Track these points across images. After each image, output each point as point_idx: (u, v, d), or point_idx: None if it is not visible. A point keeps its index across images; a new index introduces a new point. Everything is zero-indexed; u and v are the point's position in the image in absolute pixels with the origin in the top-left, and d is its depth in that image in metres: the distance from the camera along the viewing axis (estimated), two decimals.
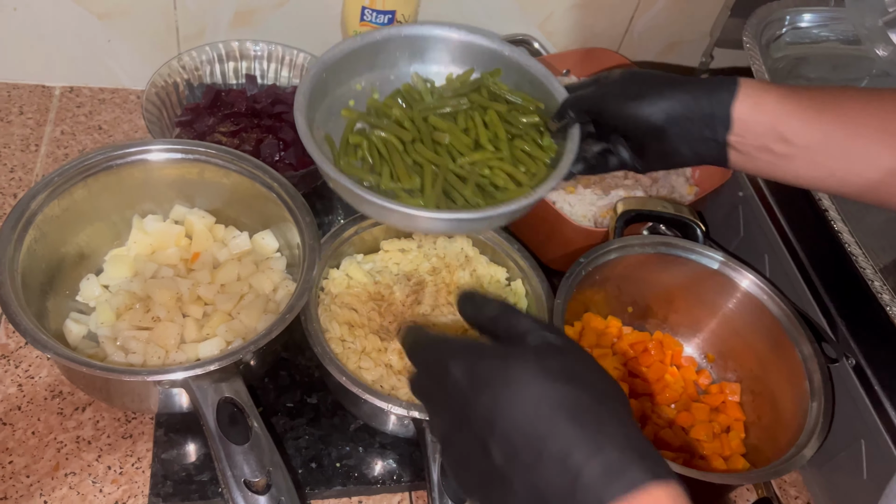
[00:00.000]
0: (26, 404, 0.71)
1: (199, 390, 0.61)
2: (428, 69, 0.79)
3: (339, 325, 0.72)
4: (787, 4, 0.99)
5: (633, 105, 0.61)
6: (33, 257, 0.69)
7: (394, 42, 0.77)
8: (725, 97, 0.57)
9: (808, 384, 0.73)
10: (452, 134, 0.71)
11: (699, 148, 0.60)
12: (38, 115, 0.95)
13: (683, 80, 0.61)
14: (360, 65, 0.76)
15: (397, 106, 0.75)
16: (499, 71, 0.77)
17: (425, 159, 0.70)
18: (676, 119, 0.59)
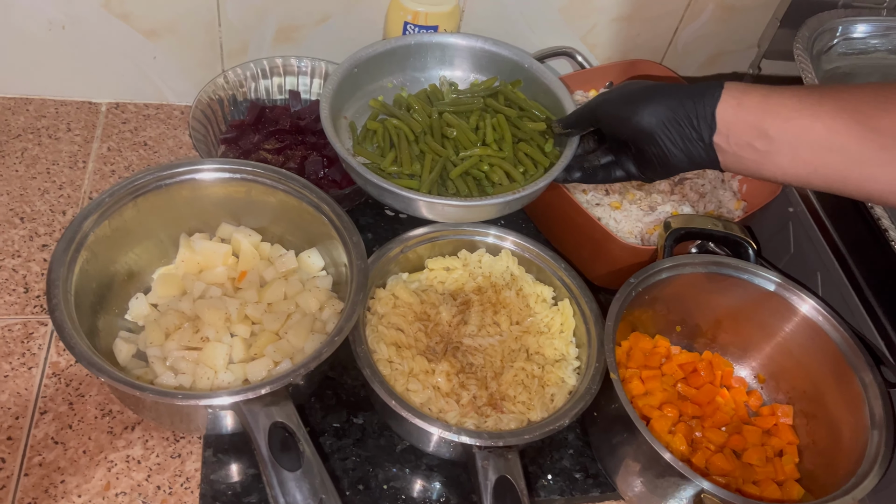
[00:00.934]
0: (77, 423, 0.72)
1: (251, 414, 0.61)
2: (455, 74, 0.90)
3: (386, 347, 0.71)
4: (839, 14, 0.97)
5: (625, 111, 0.65)
6: (85, 277, 0.69)
7: (425, 47, 0.88)
8: (709, 100, 0.60)
9: (869, 411, 0.71)
10: (460, 130, 0.81)
11: (690, 151, 0.63)
12: (85, 132, 0.97)
13: (672, 87, 0.64)
14: (392, 65, 0.88)
15: (418, 101, 0.85)
16: (519, 82, 0.88)
17: (430, 149, 0.79)
18: (664, 123, 0.63)
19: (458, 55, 0.90)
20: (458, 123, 0.81)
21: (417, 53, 0.88)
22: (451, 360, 0.72)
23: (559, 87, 0.84)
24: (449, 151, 0.80)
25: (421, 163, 0.79)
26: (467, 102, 0.84)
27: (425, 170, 0.78)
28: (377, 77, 0.88)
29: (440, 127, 0.82)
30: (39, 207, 0.87)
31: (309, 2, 0.93)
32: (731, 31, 1.07)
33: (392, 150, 0.81)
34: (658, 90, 0.64)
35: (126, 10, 0.90)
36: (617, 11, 1.01)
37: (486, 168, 0.79)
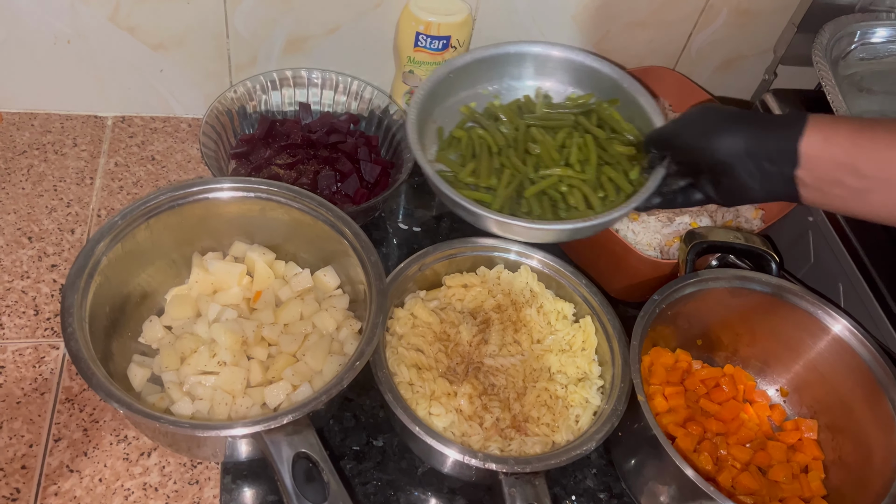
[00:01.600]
0: (92, 450, 0.70)
1: (273, 444, 0.59)
2: (551, 86, 0.88)
3: (407, 369, 0.70)
4: (856, 19, 0.95)
5: (702, 140, 0.63)
6: (98, 302, 0.68)
7: (523, 57, 0.86)
8: (792, 132, 0.57)
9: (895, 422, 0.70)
10: (544, 147, 0.79)
11: (768, 184, 0.60)
12: (92, 147, 0.95)
13: (752, 116, 0.62)
14: (489, 72, 0.86)
15: (508, 112, 0.83)
16: (616, 101, 0.85)
17: (510, 164, 0.78)
18: (742, 154, 0.60)
19: (556, 67, 0.88)
20: (543, 140, 0.80)
21: (515, 62, 0.86)
22: (474, 381, 0.70)
23: (654, 111, 0.81)
24: (529, 168, 0.78)
25: (499, 177, 0.77)
26: (557, 118, 0.82)
27: (501, 184, 0.76)
28: (473, 83, 0.86)
29: (524, 141, 0.80)
30: (47, 226, 0.86)
31: (319, 12, 0.91)
32: (746, 36, 1.05)
33: (473, 160, 0.79)
34: (737, 120, 0.62)
35: (133, 23, 0.88)
36: (630, 17, 1.00)
37: (565, 189, 0.76)
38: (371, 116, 0.95)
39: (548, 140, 0.80)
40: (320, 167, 0.87)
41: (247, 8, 0.89)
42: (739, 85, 1.12)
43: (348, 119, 0.94)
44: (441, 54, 0.91)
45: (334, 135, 0.89)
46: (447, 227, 0.93)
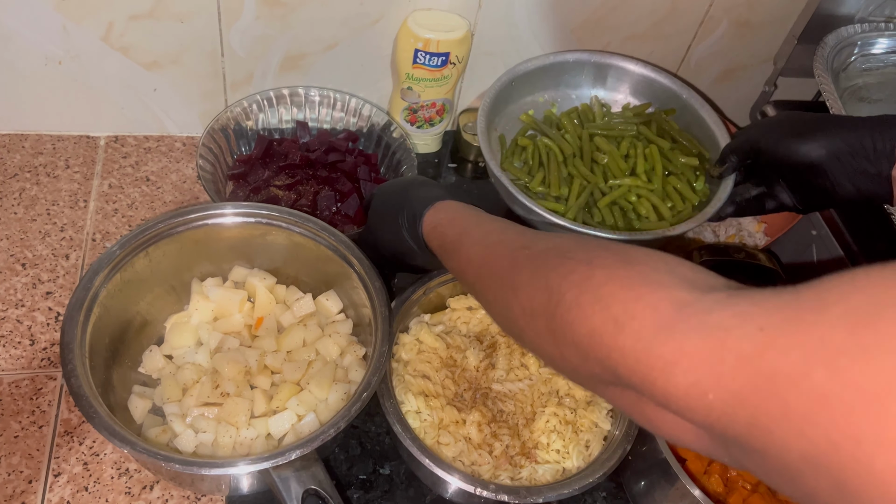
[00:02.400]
0: (93, 485, 0.69)
1: (281, 480, 0.58)
2: (608, 95, 0.90)
3: (414, 397, 0.69)
4: (858, 30, 0.95)
5: (794, 143, 0.63)
6: (98, 334, 0.66)
7: (582, 65, 0.89)
8: (890, 133, 0.58)
9: None
10: (611, 156, 0.81)
11: (861, 183, 0.61)
12: (85, 168, 0.93)
13: (844, 118, 0.63)
14: (546, 80, 0.88)
15: (570, 121, 0.85)
16: (673, 110, 0.88)
17: (578, 173, 0.80)
18: (837, 154, 0.61)
19: (613, 76, 0.90)
20: (609, 149, 0.81)
21: (573, 70, 0.89)
22: (482, 408, 0.69)
23: (715, 122, 0.83)
24: (598, 178, 0.79)
25: (569, 186, 0.78)
26: (620, 128, 0.84)
27: (573, 194, 0.78)
28: (530, 91, 0.88)
29: (591, 151, 0.82)
30: (41, 252, 0.84)
31: (316, 29, 0.90)
32: (746, 47, 1.04)
33: (540, 169, 0.81)
34: (829, 121, 0.62)
35: (126, 42, 0.87)
36: (630, 30, 0.99)
37: (634, 199, 0.78)
38: (370, 134, 0.94)
39: (613, 150, 0.82)
40: (320, 187, 0.85)
41: (242, 26, 0.88)
42: (739, 95, 1.11)
43: (347, 137, 0.92)
44: (440, 70, 0.90)
45: (333, 153, 0.88)
46: None
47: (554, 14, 0.95)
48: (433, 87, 0.92)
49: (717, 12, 0.99)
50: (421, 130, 0.97)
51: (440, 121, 0.97)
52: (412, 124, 0.96)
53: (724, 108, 1.11)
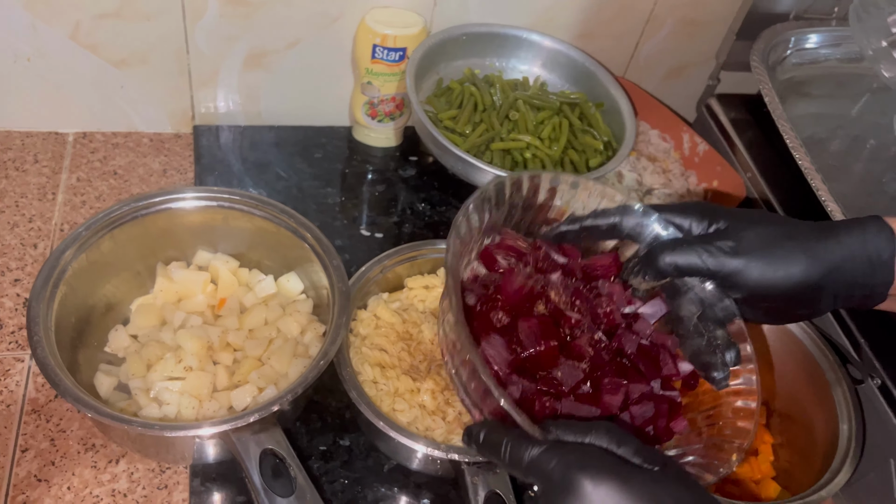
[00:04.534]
0: (60, 459, 0.71)
1: (240, 442, 0.61)
2: (551, 78, 1.03)
3: (370, 368, 0.72)
4: (791, 26, 1.01)
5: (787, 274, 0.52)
6: (64, 311, 0.69)
7: (534, 45, 1.01)
8: (883, 246, 0.51)
9: (837, 407, 0.73)
10: (523, 117, 0.91)
11: (849, 303, 0.55)
12: (53, 163, 0.96)
13: (827, 230, 0.54)
14: (500, 49, 1.01)
15: (505, 84, 0.97)
16: (602, 105, 0.99)
17: (488, 121, 0.92)
18: (832, 283, 0.52)
19: (561, 63, 1.02)
20: (524, 111, 0.92)
21: (527, 48, 1.01)
22: (436, 377, 0.72)
23: (630, 126, 0.93)
24: (503, 130, 0.90)
25: (474, 128, 0.91)
26: (545, 100, 0.95)
27: (474, 133, 0.90)
28: (483, 54, 1.00)
29: (507, 108, 0.92)
30: (10, 241, 0.86)
31: (278, 27, 0.94)
32: (692, 45, 1.10)
33: (458, 110, 0.93)
34: (809, 241, 0.53)
35: (94, 40, 0.90)
36: (580, 29, 1.04)
37: (528, 156, 0.89)
38: None
39: (528, 113, 0.92)
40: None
41: (207, 24, 0.91)
42: (687, 92, 1.17)
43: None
44: (398, 65, 0.94)
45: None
46: (409, 231, 0.95)
47: (507, 12, 1.00)
48: (392, 81, 0.96)
49: (662, 11, 1.04)
50: (381, 124, 1.01)
51: (400, 115, 1.01)
52: (373, 118, 1.00)
53: (674, 105, 1.16)
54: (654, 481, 0.42)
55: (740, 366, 0.55)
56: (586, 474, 0.41)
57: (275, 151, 1.01)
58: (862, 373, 0.76)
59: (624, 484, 0.41)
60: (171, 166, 0.99)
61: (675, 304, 0.57)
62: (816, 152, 0.92)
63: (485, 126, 0.92)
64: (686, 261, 0.53)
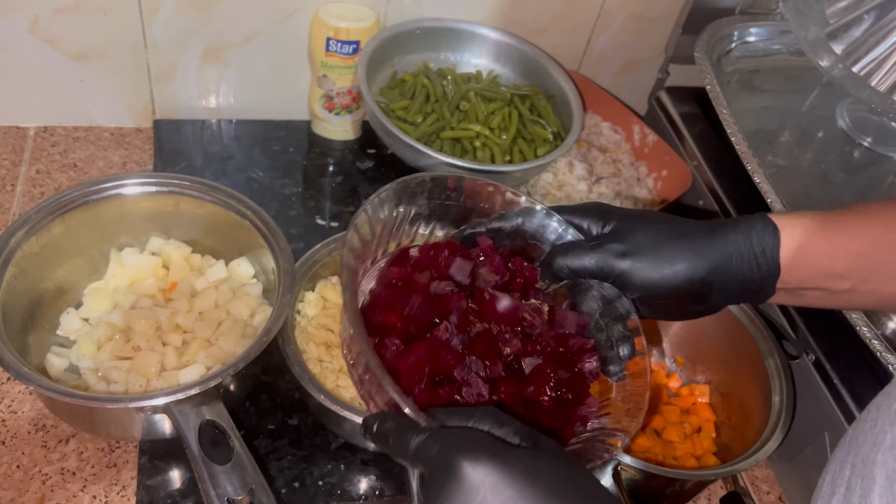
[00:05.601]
0: (10, 439, 0.72)
1: (181, 415, 0.62)
2: (504, 72, 1.07)
3: (315, 346, 0.74)
4: (735, 20, 1.04)
5: (673, 273, 0.54)
6: (13, 294, 0.70)
7: (486, 39, 1.05)
8: (767, 243, 0.54)
9: (770, 380, 0.76)
10: (473, 107, 0.95)
11: (740, 299, 0.57)
12: (14, 156, 0.97)
13: (715, 228, 0.55)
14: (454, 44, 1.04)
15: (457, 77, 1.00)
16: (553, 97, 1.02)
17: (439, 111, 0.95)
18: (722, 281, 0.55)
19: (514, 57, 1.05)
20: (475, 102, 0.95)
21: (480, 42, 1.04)
22: None
23: (578, 117, 0.97)
24: (453, 119, 0.94)
25: (425, 117, 0.94)
26: (496, 92, 0.98)
27: (425, 123, 0.93)
28: (437, 48, 1.03)
29: (458, 99, 0.96)
30: None
31: (235, 21, 0.96)
32: (642, 40, 1.13)
33: (410, 101, 0.96)
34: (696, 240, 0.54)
35: (52, 34, 0.92)
36: (533, 24, 1.07)
37: (478, 145, 0.93)
38: None
39: (479, 104, 0.95)
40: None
41: (163, 19, 0.93)
42: (641, 86, 1.20)
43: None
44: (352, 58, 0.96)
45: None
46: None
47: (460, 7, 1.03)
48: (347, 73, 0.98)
49: (612, 7, 1.07)
50: (339, 117, 1.03)
51: (357, 108, 1.03)
52: (330, 111, 1.02)
53: (628, 99, 1.19)
54: (531, 457, 0.43)
55: (635, 358, 0.57)
56: (465, 456, 0.42)
57: (234, 145, 1.03)
58: (797, 349, 0.79)
59: (501, 462, 0.42)
60: (132, 159, 1.01)
61: (578, 300, 0.59)
62: (763, 144, 0.96)
63: (436, 116, 0.95)
64: (577, 264, 0.55)
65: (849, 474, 0.40)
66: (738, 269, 0.54)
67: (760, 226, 0.54)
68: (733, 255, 0.54)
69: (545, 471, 0.43)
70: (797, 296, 0.57)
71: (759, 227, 0.54)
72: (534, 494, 0.41)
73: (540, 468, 0.43)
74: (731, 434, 0.81)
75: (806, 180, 0.98)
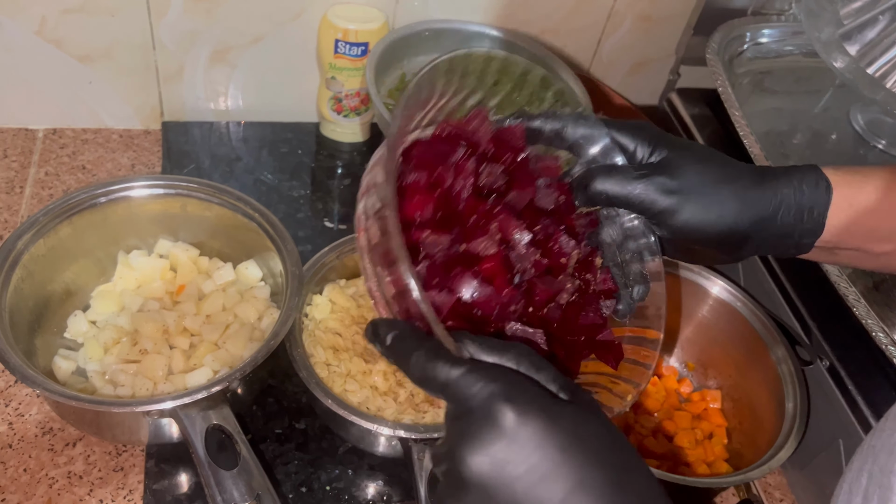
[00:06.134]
0: (17, 442, 0.72)
1: (188, 419, 0.62)
2: None
3: (323, 350, 0.73)
4: (747, 21, 1.03)
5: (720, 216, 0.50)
6: (20, 296, 0.70)
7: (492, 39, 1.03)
8: (817, 199, 0.51)
9: (784, 386, 0.75)
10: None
11: (776, 251, 0.54)
12: (22, 158, 0.97)
13: (766, 177, 0.51)
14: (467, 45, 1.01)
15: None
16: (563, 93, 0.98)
17: None
18: (762, 228, 0.51)
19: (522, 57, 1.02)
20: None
21: (488, 43, 1.02)
22: None
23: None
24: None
25: None
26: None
27: None
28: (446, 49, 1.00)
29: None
30: None
31: (241, 23, 0.96)
32: (652, 41, 1.12)
33: None
34: (746, 188, 0.50)
35: (59, 35, 0.92)
36: (542, 25, 1.06)
37: None
38: None
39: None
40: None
41: (171, 20, 0.93)
42: (651, 87, 1.19)
43: None
44: (361, 60, 0.96)
45: None
46: None
47: (469, 8, 1.02)
48: (355, 76, 0.97)
49: (622, 7, 1.06)
50: (347, 119, 1.03)
51: (365, 110, 1.03)
52: (338, 113, 1.02)
53: (638, 100, 1.18)
54: (576, 414, 0.39)
55: (648, 306, 0.52)
56: (514, 408, 0.37)
57: (243, 147, 1.03)
58: (811, 355, 0.78)
59: (548, 418, 0.38)
60: (140, 161, 1.00)
61: (601, 227, 0.53)
62: (775, 146, 0.94)
63: None
64: (619, 191, 0.50)
65: (866, 483, 0.40)
66: (783, 224, 0.51)
67: (813, 180, 0.51)
68: (780, 210, 0.51)
69: (590, 432, 0.39)
70: (832, 254, 0.54)
71: (811, 181, 0.51)
72: (580, 459, 0.38)
73: (585, 429, 0.39)
74: (742, 440, 0.80)
75: None
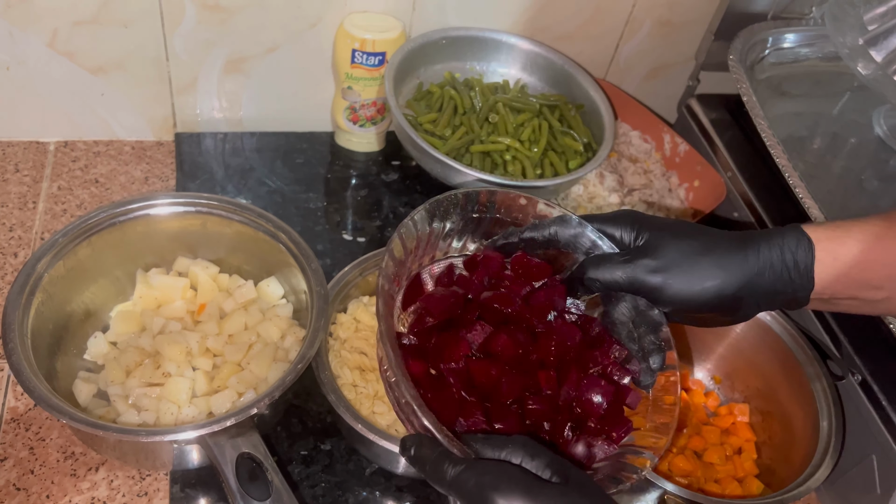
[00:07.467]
0: (39, 467, 0.70)
1: (217, 447, 0.61)
2: (531, 82, 1.04)
3: (350, 371, 0.72)
4: (769, 26, 1.01)
5: (709, 288, 0.53)
6: (41, 319, 0.69)
7: (513, 48, 1.02)
8: (801, 255, 0.53)
9: (817, 403, 0.74)
10: (503, 119, 0.93)
11: (769, 307, 0.57)
12: (34, 172, 0.95)
13: (746, 241, 0.54)
14: (480, 53, 1.02)
15: (485, 87, 0.98)
16: (582, 106, 1.00)
17: (468, 124, 0.93)
18: (756, 293, 0.54)
19: (540, 65, 1.03)
20: (504, 113, 0.93)
21: (506, 51, 1.02)
22: None
23: (610, 127, 0.94)
24: (482, 132, 0.91)
25: (454, 130, 0.92)
26: (525, 102, 0.96)
27: (454, 136, 0.90)
28: (463, 58, 1.01)
29: (487, 111, 0.93)
30: None
31: (256, 32, 0.94)
32: (670, 46, 1.10)
33: (438, 113, 0.93)
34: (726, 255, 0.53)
35: (71, 48, 0.90)
36: (559, 31, 1.04)
37: (508, 158, 0.90)
38: None
39: (508, 116, 0.93)
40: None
41: (185, 31, 0.91)
42: (668, 92, 1.17)
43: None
44: (378, 70, 0.94)
45: None
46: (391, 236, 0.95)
47: (485, 16, 1.01)
48: (372, 85, 0.96)
49: (640, 13, 1.05)
50: (363, 129, 1.01)
51: (381, 119, 1.01)
52: (354, 123, 1.00)
53: (655, 106, 1.17)
54: (561, 494, 0.44)
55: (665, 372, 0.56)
56: (498, 493, 0.44)
57: (257, 158, 1.01)
58: (842, 369, 0.77)
59: (532, 500, 0.44)
60: (153, 174, 0.99)
61: (610, 308, 0.58)
62: (796, 151, 0.93)
63: (465, 129, 0.92)
64: (609, 278, 0.55)
65: None
66: (771, 282, 0.54)
67: (794, 239, 0.54)
68: (765, 270, 0.53)
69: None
70: (831, 304, 0.56)
71: (791, 240, 0.54)
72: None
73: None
74: (773, 455, 0.79)
75: (841, 189, 0.95)
